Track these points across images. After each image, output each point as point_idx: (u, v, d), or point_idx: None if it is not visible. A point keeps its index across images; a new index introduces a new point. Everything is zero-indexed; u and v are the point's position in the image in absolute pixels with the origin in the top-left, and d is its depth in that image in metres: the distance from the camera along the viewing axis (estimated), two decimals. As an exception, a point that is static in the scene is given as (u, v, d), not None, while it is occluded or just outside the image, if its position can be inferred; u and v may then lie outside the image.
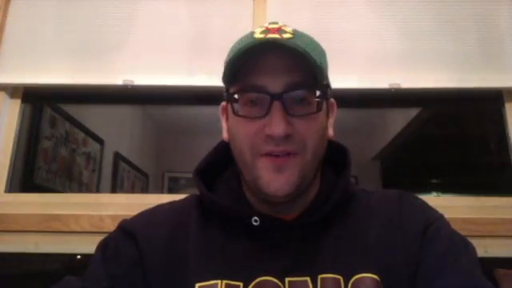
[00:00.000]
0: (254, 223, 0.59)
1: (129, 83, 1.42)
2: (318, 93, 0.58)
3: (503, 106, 1.46)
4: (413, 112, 2.39)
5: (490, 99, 1.49)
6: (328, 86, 0.63)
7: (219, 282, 0.56)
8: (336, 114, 0.68)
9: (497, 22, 1.46)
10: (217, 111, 0.69)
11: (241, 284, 0.56)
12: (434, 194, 2.62)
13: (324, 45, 0.66)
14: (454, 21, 1.46)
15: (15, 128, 1.48)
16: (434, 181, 2.81)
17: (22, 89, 1.50)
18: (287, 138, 0.56)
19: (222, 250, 0.60)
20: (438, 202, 1.18)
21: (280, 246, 0.59)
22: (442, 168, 2.64)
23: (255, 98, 0.58)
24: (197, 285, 0.56)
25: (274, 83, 0.57)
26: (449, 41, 1.44)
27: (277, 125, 0.55)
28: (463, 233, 0.62)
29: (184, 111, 2.94)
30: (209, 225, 0.62)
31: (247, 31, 0.63)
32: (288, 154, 0.57)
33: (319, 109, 0.58)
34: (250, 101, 0.58)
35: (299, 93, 0.57)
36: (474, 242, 0.61)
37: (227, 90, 0.62)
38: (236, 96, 0.59)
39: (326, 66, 0.64)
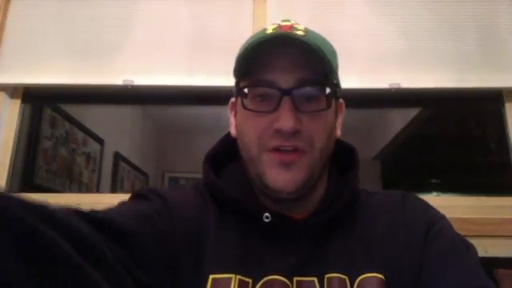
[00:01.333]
0: (265, 220, 0.58)
1: (129, 83, 1.42)
2: (327, 90, 0.58)
3: (503, 106, 1.45)
4: (413, 112, 2.39)
5: (490, 99, 1.48)
6: (338, 85, 0.63)
7: (233, 276, 0.55)
8: (344, 114, 0.67)
9: (497, 22, 1.46)
10: (217, 111, 0.68)
11: (250, 280, 0.55)
12: (434, 193, 2.63)
13: (324, 45, 0.66)
14: (454, 21, 1.46)
15: (15, 128, 1.47)
16: (434, 181, 2.81)
17: (22, 89, 1.50)
18: (295, 133, 0.56)
19: (236, 243, 0.58)
20: (438, 201, 1.16)
21: (290, 245, 0.58)
22: (442, 168, 2.64)
23: (265, 93, 0.58)
24: (211, 276, 0.55)
25: (285, 79, 0.56)
26: (448, 41, 1.44)
27: (286, 119, 0.55)
28: (463, 233, 0.62)
29: (184, 111, 2.94)
30: (223, 217, 0.61)
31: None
32: (296, 151, 0.56)
33: (328, 106, 0.58)
34: (260, 95, 0.58)
35: (309, 89, 0.57)
36: (474, 241, 0.61)
37: (237, 85, 0.61)
38: (246, 90, 0.59)
39: (337, 66, 0.64)
